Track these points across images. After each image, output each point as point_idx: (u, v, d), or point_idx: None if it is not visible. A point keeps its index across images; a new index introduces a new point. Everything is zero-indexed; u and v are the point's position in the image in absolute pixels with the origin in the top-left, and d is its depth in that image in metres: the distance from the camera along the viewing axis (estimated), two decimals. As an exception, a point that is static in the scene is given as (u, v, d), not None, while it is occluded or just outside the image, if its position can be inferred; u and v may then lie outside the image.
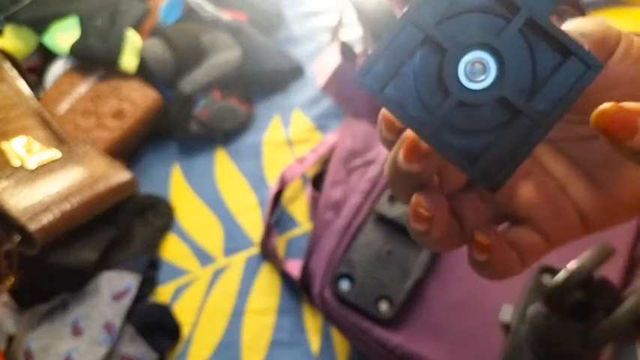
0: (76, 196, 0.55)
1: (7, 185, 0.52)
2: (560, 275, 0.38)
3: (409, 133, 0.20)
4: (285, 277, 0.58)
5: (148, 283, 0.59)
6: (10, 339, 0.54)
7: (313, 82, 0.73)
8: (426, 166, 0.20)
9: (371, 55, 0.19)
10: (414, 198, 0.20)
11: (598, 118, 0.18)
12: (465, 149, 0.19)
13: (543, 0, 0.19)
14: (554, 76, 0.19)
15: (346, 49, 0.68)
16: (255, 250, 0.61)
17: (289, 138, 0.69)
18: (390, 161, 0.21)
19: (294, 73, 0.75)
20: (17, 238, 0.51)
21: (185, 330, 0.56)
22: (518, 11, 0.19)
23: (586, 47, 0.19)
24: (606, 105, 0.18)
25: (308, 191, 0.62)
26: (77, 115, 0.68)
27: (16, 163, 0.55)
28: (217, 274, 0.60)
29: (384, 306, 0.48)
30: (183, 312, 0.57)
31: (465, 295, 0.49)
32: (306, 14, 0.83)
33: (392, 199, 0.53)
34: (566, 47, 0.19)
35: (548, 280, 0.45)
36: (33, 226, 0.50)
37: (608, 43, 0.20)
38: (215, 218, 0.64)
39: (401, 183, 0.21)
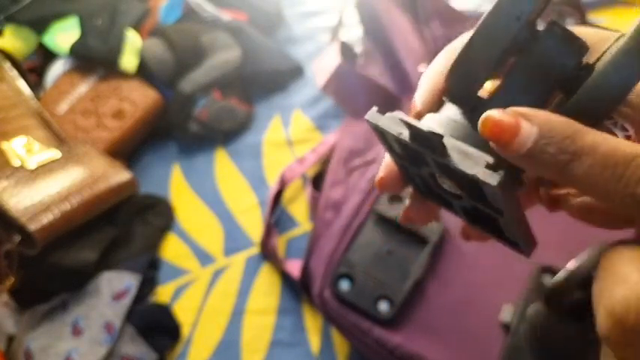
0: (76, 196, 0.55)
1: (7, 185, 0.52)
2: (560, 275, 0.38)
3: None
4: (285, 277, 0.58)
5: (148, 283, 0.59)
6: (10, 339, 0.54)
7: (313, 82, 0.73)
8: None
9: None
10: None
11: (483, 125, 0.19)
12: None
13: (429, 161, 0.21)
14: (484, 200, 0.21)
15: (346, 49, 0.68)
16: (255, 250, 0.61)
17: (289, 138, 0.69)
18: None
19: (294, 73, 0.75)
20: (17, 238, 0.51)
21: (185, 330, 0.56)
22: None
23: (480, 171, 0.19)
24: (490, 111, 0.18)
25: (308, 191, 0.62)
26: (77, 115, 0.68)
27: (16, 163, 0.55)
28: (217, 274, 0.60)
29: (383, 306, 0.48)
30: (183, 312, 0.57)
31: (465, 295, 0.49)
32: (306, 14, 0.83)
33: (392, 199, 0.53)
34: (469, 183, 0.20)
35: (548, 280, 0.45)
36: (33, 226, 0.50)
37: None
38: (215, 218, 0.64)
39: None
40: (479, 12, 0.73)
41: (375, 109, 0.22)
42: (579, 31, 0.21)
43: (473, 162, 0.19)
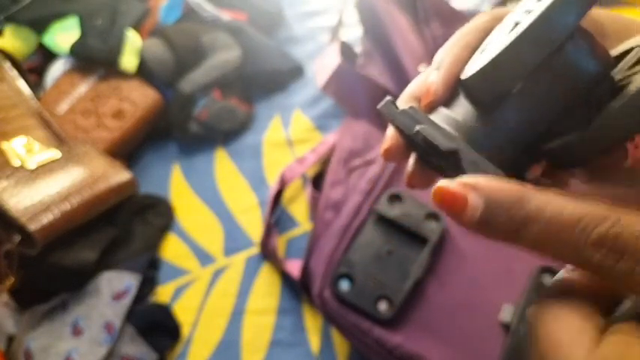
0: (76, 196, 0.55)
1: (7, 185, 0.52)
2: (560, 275, 0.38)
3: None
4: (285, 277, 0.58)
5: (148, 283, 0.59)
6: (10, 339, 0.54)
7: (313, 82, 0.73)
8: None
9: None
10: None
11: (435, 196, 0.19)
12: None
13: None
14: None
15: (346, 49, 0.68)
16: (255, 250, 0.61)
17: (289, 138, 0.69)
18: None
19: (294, 73, 0.75)
20: (17, 238, 0.51)
21: (185, 330, 0.56)
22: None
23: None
24: (441, 181, 0.19)
25: (308, 191, 0.62)
26: (77, 115, 0.68)
27: (16, 163, 0.55)
28: (217, 274, 0.60)
29: (383, 306, 0.48)
30: (183, 312, 0.57)
31: (465, 295, 0.49)
32: (307, 14, 0.83)
33: (392, 199, 0.53)
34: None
35: (548, 280, 0.45)
36: (33, 226, 0.50)
37: None
38: (215, 218, 0.64)
39: None
40: (478, 12, 0.73)
41: (389, 99, 0.23)
42: (592, 14, 0.21)
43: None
